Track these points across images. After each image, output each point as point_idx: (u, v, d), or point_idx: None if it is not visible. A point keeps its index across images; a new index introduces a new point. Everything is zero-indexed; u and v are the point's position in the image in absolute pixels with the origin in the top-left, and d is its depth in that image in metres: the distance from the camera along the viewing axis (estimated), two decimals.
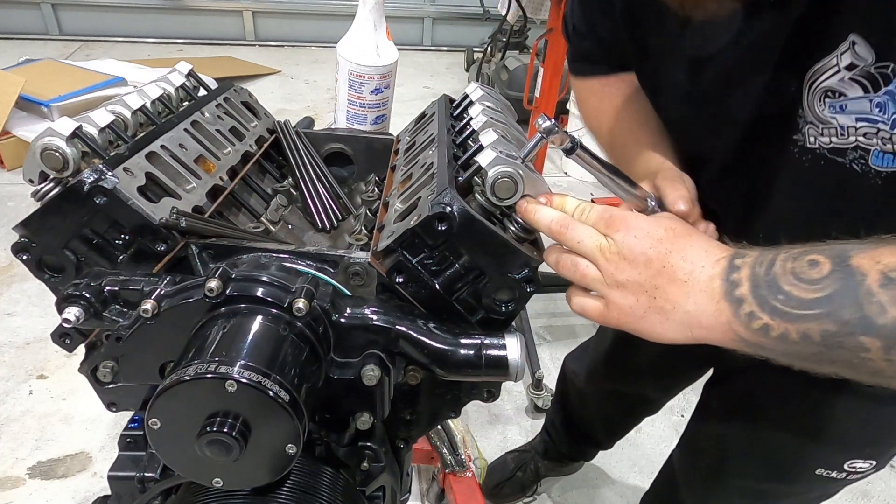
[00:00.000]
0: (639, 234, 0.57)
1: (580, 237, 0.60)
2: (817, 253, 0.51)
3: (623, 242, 0.57)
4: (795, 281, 0.50)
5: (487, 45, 4.16)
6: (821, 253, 0.50)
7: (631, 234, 0.57)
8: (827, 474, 0.86)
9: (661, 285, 0.56)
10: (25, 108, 3.06)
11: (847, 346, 0.48)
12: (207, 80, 1.01)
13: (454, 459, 1.55)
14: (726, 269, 0.54)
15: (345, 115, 1.41)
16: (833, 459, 0.86)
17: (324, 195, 0.96)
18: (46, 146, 0.63)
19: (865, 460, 0.85)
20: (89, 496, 1.61)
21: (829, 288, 0.48)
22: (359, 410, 0.68)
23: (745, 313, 0.52)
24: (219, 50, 4.83)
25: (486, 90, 0.93)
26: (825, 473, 0.86)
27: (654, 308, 0.57)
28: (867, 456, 0.85)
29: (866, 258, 0.48)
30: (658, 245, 0.56)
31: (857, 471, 0.86)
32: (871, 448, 0.85)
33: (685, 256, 0.56)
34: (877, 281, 0.47)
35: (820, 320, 0.49)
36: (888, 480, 1.89)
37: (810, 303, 0.49)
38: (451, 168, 0.71)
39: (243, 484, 0.61)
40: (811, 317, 0.49)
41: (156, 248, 0.66)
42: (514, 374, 0.65)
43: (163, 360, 0.64)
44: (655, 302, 0.56)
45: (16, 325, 2.13)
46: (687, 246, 0.57)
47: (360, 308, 0.65)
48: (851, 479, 0.87)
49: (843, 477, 0.86)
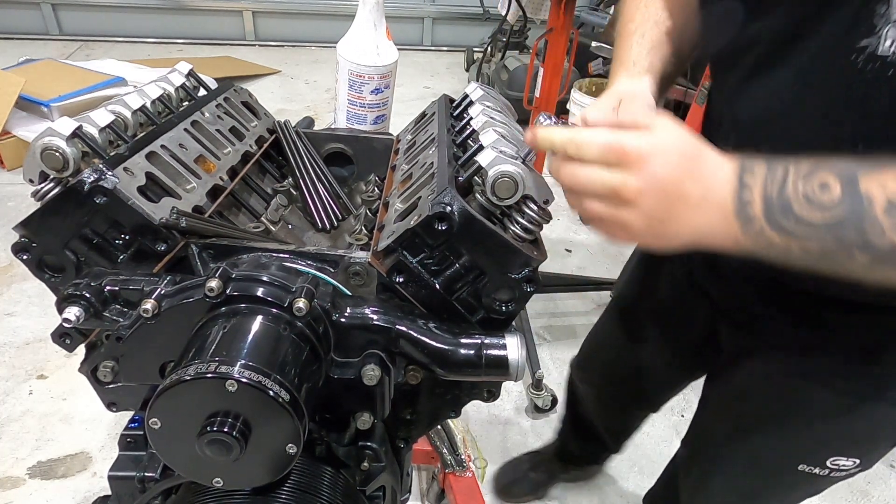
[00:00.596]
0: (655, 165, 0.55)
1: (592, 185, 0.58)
2: (827, 173, 0.52)
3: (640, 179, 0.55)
4: (807, 204, 0.52)
5: (487, 45, 4.16)
6: (831, 174, 0.52)
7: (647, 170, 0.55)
8: (809, 470, 0.87)
9: (675, 211, 0.56)
10: (25, 108, 3.06)
11: (840, 260, 0.52)
12: (207, 80, 1.01)
13: (454, 459, 1.56)
14: (737, 188, 0.55)
15: (345, 115, 1.41)
16: (815, 455, 0.86)
17: (324, 195, 0.96)
18: (46, 146, 0.63)
19: (848, 458, 0.85)
20: (89, 496, 1.61)
21: (839, 214, 0.51)
22: (359, 410, 0.68)
23: (755, 231, 0.54)
24: (219, 50, 4.83)
25: (486, 90, 0.93)
26: (807, 469, 0.87)
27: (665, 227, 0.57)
28: (850, 454, 0.85)
29: (875, 183, 0.50)
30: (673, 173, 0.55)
31: (841, 468, 0.86)
32: (853, 446, 0.85)
33: (697, 178, 0.55)
34: (882, 207, 0.50)
35: (822, 240, 0.52)
36: (888, 480, 1.89)
37: (818, 226, 0.52)
38: (452, 168, 0.71)
39: (243, 484, 0.61)
40: (816, 237, 0.52)
41: (156, 248, 0.66)
42: (515, 373, 0.65)
43: (163, 360, 0.64)
44: (668, 225, 0.57)
45: (16, 325, 2.13)
46: (697, 168, 0.56)
47: (361, 308, 0.65)
48: (835, 476, 0.87)
49: (826, 474, 0.87)
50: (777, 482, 0.94)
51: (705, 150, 0.57)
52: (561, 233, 3.01)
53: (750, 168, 0.55)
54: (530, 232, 0.66)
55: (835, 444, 0.85)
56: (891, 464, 1.94)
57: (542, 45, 2.50)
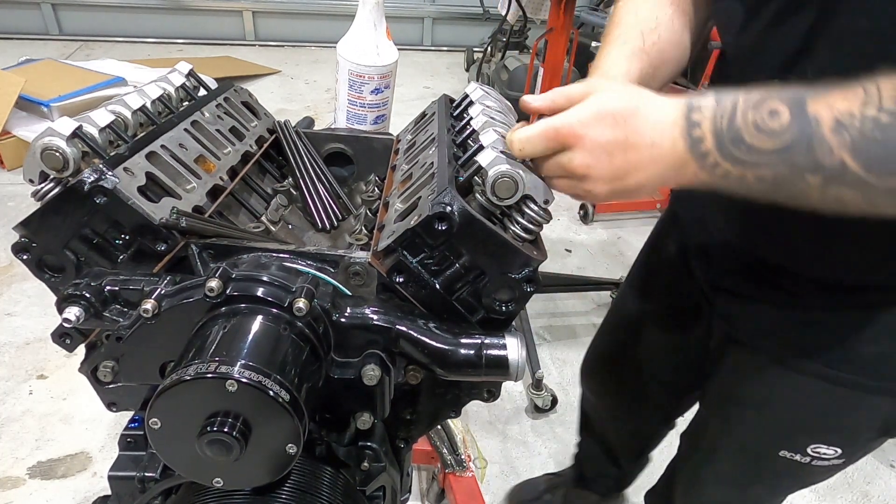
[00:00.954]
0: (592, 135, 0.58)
1: (547, 171, 0.63)
2: (776, 101, 0.53)
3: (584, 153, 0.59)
4: (756, 132, 0.53)
5: (487, 45, 4.17)
6: (780, 101, 0.53)
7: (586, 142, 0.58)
8: (791, 457, 0.88)
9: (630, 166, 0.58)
10: (25, 108, 3.06)
11: (794, 184, 0.54)
12: (207, 80, 1.01)
13: (454, 459, 1.56)
14: (685, 127, 0.56)
15: (345, 115, 1.41)
16: (795, 441, 0.87)
17: (324, 195, 0.96)
18: (46, 146, 0.63)
19: (829, 446, 0.86)
20: (89, 496, 1.61)
21: (788, 138, 0.52)
22: (359, 410, 0.68)
23: (710, 164, 0.56)
24: (219, 50, 4.84)
25: (486, 90, 0.93)
26: (788, 455, 0.88)
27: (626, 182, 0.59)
28: (830, 442, 0.86)
29: (822, 105, 0.52)
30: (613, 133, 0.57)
31: (822, 457, 0.87)
32: (832, 433, 0.86)
33: (640, 130, 0.58)
34: (829, 127, 0.51)
35: (775, 166, 0.53)
36: (888, 480, 1.89)
37: (769, 153, 0.53)
38: (452, 168, 0.71)
39: (244, 484, 0.61)
40: (768, 164, 0.54)
41: (156, 248, 0.66)
42: (515, 373, 0.65)
43: (163, 360, 0.64)
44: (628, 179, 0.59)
45: (16, 325, 2.13)
46: (637, 120, 0.58)
47: (361, 308, 0.65)
48: (817, 465, 0.88)
49: (808, 462, 0.88)
50: (760, 469, 0.96)
51: (643, 99, 0.59)
52: (561, 233, 3.01)
53: (697, 106, 0.57)
54: (530, 232, 0.66)
55: (814, 431, 0.86)
56: (891, 464, 1.94)
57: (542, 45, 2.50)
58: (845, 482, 1.87)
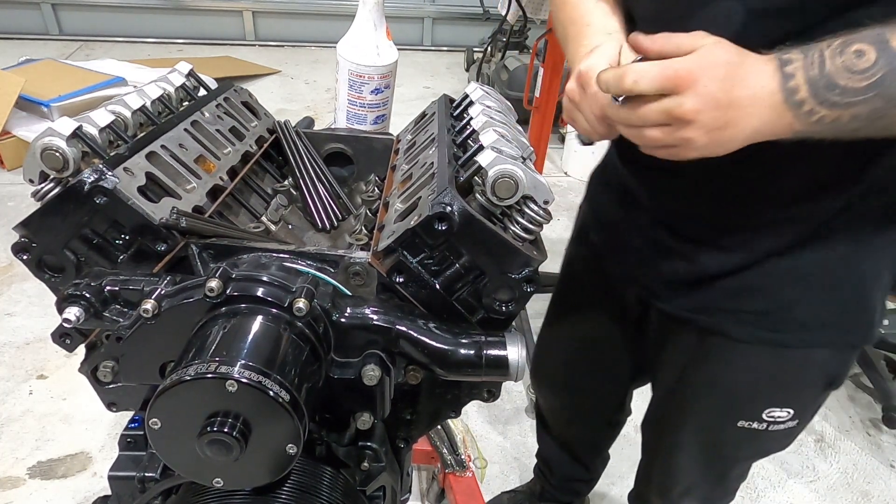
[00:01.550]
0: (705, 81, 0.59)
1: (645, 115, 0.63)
2: (859, 42, 0.56)
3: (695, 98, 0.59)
4: (848, 74, 0.56)
5: (487, 45, 4.16)
6: (862, 41, 0.56)
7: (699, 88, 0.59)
8: (748, 425, 0.91)
9: (731, 118, 0.60)
10: (25, 108, 3.06)
11: (889, 115, 0.57)
12: (207, 80, 1.01)
13: (454, 459, 1.56)
14: (781, 80, 0.59)
15: (345, 115, 1.41)
16: (751, 409, 0.90)
17: (324, 195, 0.96)
18: (46, 146, 0.63)
19: (782, 408, 0.89)
20: (89, 496, 1.61)
21: (879, 73, 0.55)
22: (359, 410, 0.68)
23: (805, 112, 0.59)
24: (219, 50, 4.83)
25: (486, 90, 0.93)
26: (746, 425, 0.91)
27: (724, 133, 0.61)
28: (782, 404, 0.89)
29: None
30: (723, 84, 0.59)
31: (777, 420, 0.90)
32: (782, 394, 0.89)
33: (744, 82, 0.59)
34: None
35: (870, 102, 0.56)
36: (888, 480, 1.89)
37: (863, 90, 0.56)
38: (452, 168, 0.71)
39: (244, 484, 0.61)
40: (864, 101, 0.56)
41: (156, 248, 0.66)
42: (515, 373, 0.65)
43: (163, 360, 0.64)
44: (726, 131, 0.61)
45: (16, 325, 2.13)
46: (743, 73, 0.60)
47: (361, 308, 0.65)
48: (773, 430, 0.91)
49: (765, 428, 0.91)
50: (722, 444, 0.99)
51: (746, 54, 0.61)
52: (561, 233, 3.01)
53: (788, 59, 0.59)
54: (530, 232, 0.66)
55: (766, 396, 0.90)
56: (891, 464, 1.95)
57: (542, 45, 2.50)
58: (845, 482, 1.87)
